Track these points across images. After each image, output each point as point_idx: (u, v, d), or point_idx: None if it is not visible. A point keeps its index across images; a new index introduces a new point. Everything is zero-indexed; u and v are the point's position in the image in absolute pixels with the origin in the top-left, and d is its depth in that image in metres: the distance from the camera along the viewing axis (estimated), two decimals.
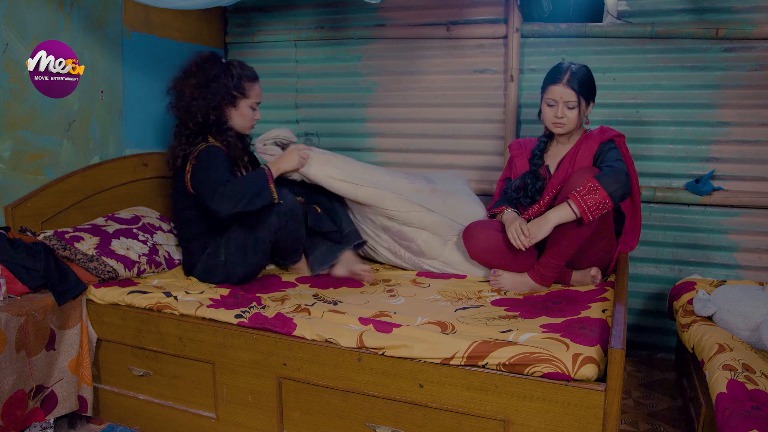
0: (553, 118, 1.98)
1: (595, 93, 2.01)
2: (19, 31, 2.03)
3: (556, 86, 1.95)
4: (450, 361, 1.46)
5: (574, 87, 1.93)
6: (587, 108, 1.99)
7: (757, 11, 2.32)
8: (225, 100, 2.10)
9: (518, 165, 2.17)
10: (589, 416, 1.33)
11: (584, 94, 1.95)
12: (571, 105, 1.94)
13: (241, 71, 2.13)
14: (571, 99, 1.94)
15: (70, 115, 2.25)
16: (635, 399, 2.14)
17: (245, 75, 2.13)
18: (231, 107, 2.13)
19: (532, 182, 2.06)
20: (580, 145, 2.02)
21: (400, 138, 2.89)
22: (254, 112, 2.18)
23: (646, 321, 2.61)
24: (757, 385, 1.43)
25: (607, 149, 1.96)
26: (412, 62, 2.81)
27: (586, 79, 1.96)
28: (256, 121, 2.21)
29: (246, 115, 2.16)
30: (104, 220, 2.21)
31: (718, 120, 2.43)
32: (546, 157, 2.11)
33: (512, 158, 2.21)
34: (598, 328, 1.52)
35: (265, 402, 1.72)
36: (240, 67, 2.14)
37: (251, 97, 2.15)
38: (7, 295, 1.76)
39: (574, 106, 1.94)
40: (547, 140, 2.11)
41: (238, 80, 2.10)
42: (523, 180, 2.10)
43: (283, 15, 2.99)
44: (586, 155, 1.99)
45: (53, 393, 1.82)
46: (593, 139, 2.01)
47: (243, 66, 2.15)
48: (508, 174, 2.23)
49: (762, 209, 2.40)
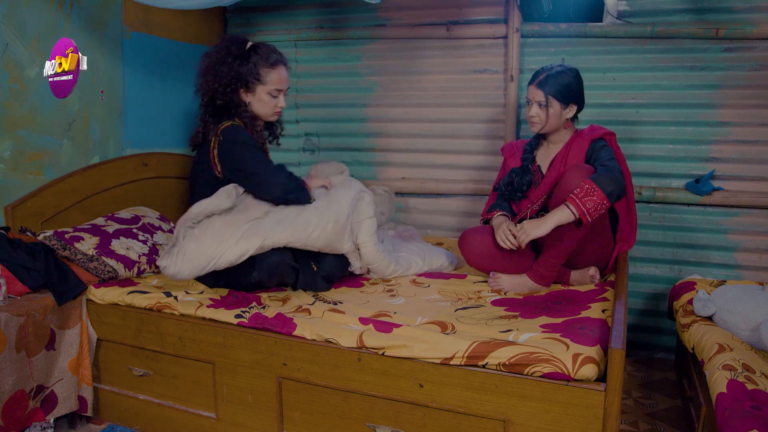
0: (527, 116, 2.06)
1: (576, 96, 2.01)
2: (19, 31, 2.03)
3: (530, 86, 2.03)
4: (450, 361, 1.46)
5: (543, 88, 1.99)
6: (565, 109, 2.01)
7: (757, 11, 2.32)
8: (234, 83, 2.04)
9: (510, 165, 2.20)
10: (589, 416, 1.33)
11: (557, 95, 1.98)
12: (541, 104, 2.00)
13: (259, 57, 2.04)
14: (540, 99, 1.99)
15: (70, 115, 2.25)
16: (635, 399, 2.14)
17: (262, 61, 2.04)
18: (248, 92, 2.07)
19: (521, 176, 2.11)
20: (571, 144, 2.05)
21: (400, 138, 2.89)
22: (275, 99, 2.09)
23: (646, 321, 2.61)
24: (757, 385, 1.43)
25: (598, 147, 1.99)
26: (412, 62, 2.81)
27: (562, 82, 1.98)
28: (279, 108, 2.12)
29: (264, 101, 2.08)
30: (104, 220, 2.21)
31: (718, 120, 2.43)
32: (537, 157, 2.14)
33: (505, 160, 2.24)
34: (598, 328, 1.52)
35: (265, 402, 1.72)
36: (261, 51, 2.06)
37: (268, 84, 2.05)
38: (7, 295, 1.76)
39: (543, 105, 2.00)
40: (537, 140, 2.15)
41: (254, 66, 2.03)
42: (510, 176, 2.14)
43: (283, 15, 2.99)
44: (577, 153, 2.02)
45: (53, 393, 1.82)
46: (583, 137, 2.04)
47: (265, 50, 2.06)
48: (502, 177, 2.23)
49: (762, 209, 2.40)
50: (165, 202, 2.57)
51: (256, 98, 2.07)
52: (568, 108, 2.02)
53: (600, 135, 2.02)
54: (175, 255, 1.83)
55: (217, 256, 1.83)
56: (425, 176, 2.88)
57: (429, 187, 2.85)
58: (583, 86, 2.04)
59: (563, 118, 2.03)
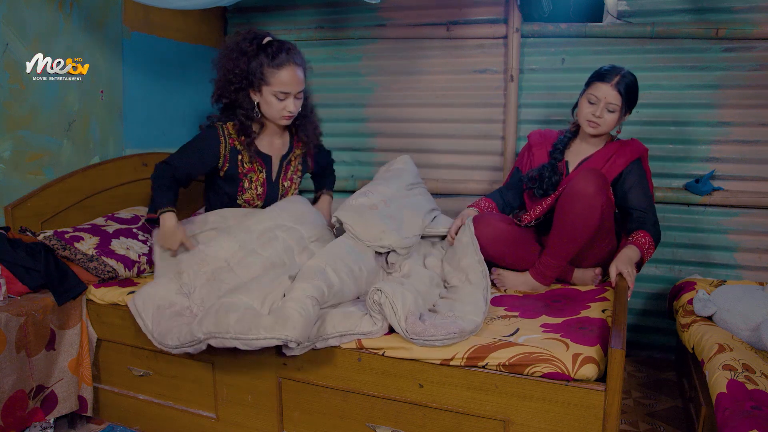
0: (589, 115, 1.95)
1: (636, 103, 1.98)
2: (19, 31, 2.03)
3: (604, 85, 1.92)
4: (450, 362, 1.46)
5: (620, 90, 1.90)
6: (625, 116, 1.98)
7: (757, 11, 2.32)
8: (241, 83, 1.97)
9: (536, 154, 2.14)
10: (589, 416, 1.33)
11: (628, 101, 1.93)
12: (612, 108, 1.92)
13: (266, 56, 1.93)
14: (614, 102, 1.91)
15: (70, 115, 2.25)
16: (635, 399, 2.14)
17: (268, 60, 1.93)
18: (255, 91, 1.99)
19: (549, 175, 2.04)
20: (613, 155, 2.00)
21: (400, 138, 2.89)
22: (282, 102, 1.97)
23: (646, 321, 2.61)
24: (757, 385, 1.43)
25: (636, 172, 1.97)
26: (412, 62, 2.81)
27: (633, 87, 1.94)
28: (288, 112, 2.00)
29: (271, 103, 1.97)
30: (104, 220, 2.21)
31: (718, 120, 2.43)
32: (566, 153, 2.09)
33: (530, 147, 2.17)
34: (597, 328, 1.52)
35: (265, 402, 1.72)
36: (270, 50, 1.94)
37: (273, 85, 1.94)
38: (7, 295, 1.76)
39: (614, 109, 1.92)
40: (571, 136, 2.10)
41: (259, 65, 1.93)
42: (540, 171, 2.07)
43: (283, 15, 2.99)
44: (615, 167, 1.98)
45: (53, 393, 1.82)
46: (625, 155, 1.98)
47: (275, 49, 1.94)
48: (519, 164, 2.21)
49: (762, 209, 2.40)
50: None
51: (263, 99, 1.99)
52: (627, 115, 1.98)
53: (639, 154, 1.98)
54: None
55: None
56: (425, 176, 2.87)
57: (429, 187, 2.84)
58: None
59: (620, 123, 1.99)
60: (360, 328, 1.55)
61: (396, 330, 1.51)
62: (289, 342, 1.45)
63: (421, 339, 1.46)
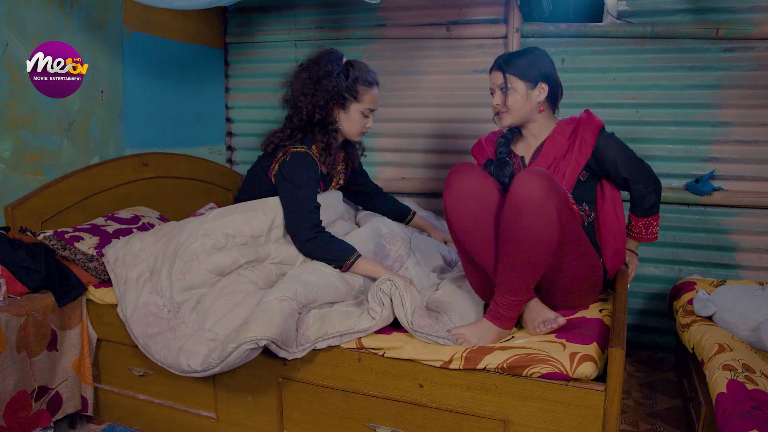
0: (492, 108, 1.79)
1: (544, 73, 1.73)
2: (19, 31, 2.03)
3: (490, 74, 1.78)
4: (449, 364, 1.46)
5: (500, 67, 1.73)
6: (533, 90, 1.72)
7: (757, 11, 2.32)
8: (334, 100, 1.97)
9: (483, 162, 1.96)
10: (589, 416, 1.33)
11: (520, 73, 1.70)
12: (502, 87, 1.73)
13: (359, 73, 1.98)
14: (499, 82, 1.73)
15: (70, 115, 2.25)
16: (635, 399, 2.14)
17: (362, 78, 1.98)
18: (340, 109, 1.99)
19: (500, 168, 1.82)
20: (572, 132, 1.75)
21: (400, 138, 2.89)
22: (366, 119, 2.02)
23: (646, 321, 2.61)
24: (757, 385, 1.43)
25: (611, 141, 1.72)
26: (412, 62, 2.81)
27: (514, 56, 1.74)
28: (367, 128, 2.05)
29: (355, 120, 2.00)
30: (104, 220, 2.21)
31: (718, 120, 2.43)
32: (517, 149, 1.87)
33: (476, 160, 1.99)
34: (594, 327, 1.53)
35: (265, 402, 1.72)
36: (358, 68, 2.00)
37: (364, 102, 1.98)
38: (7, 295, 1.76)
39: (508, 87, 1.71)
40: (513, 133, 1.89)
41: (353, 82, 1.97)
42: (488, 168, 1.86)
43: (283, 15, 2.99)
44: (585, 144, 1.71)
45: (58, 394, 1.82)
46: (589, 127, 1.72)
47: (362, 68, 2.01)
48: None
49: (762, 209, 2.40)
50: (165, 202, 2.57)
51: (348, 116, 2.00)
52: (537, 88, 1.72)
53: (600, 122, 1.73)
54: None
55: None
56: (425, 176, 2.88)
57: (429, 187, 2.85)
58: (553, 64, 1.77)
59: (533, 101, 1.73)
60: (359, 326, 1.57)
61: (401, 322, 1.53)
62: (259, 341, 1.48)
63: (426, 334, 1.49)
